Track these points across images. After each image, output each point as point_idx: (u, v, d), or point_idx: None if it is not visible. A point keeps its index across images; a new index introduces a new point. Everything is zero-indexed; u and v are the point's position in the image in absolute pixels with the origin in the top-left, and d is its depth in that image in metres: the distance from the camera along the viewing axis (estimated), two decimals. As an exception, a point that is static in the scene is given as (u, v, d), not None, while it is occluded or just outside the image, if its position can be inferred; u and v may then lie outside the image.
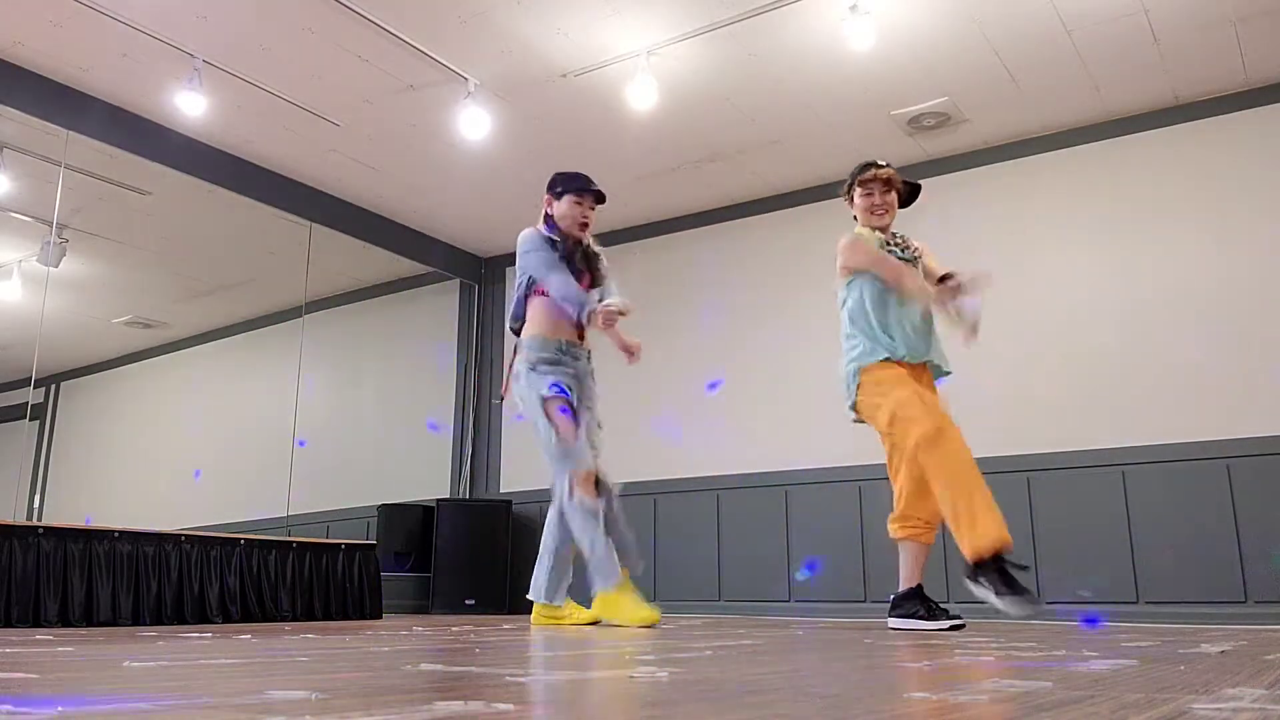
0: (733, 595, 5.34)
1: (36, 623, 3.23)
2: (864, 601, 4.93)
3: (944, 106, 4.77)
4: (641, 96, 4.40)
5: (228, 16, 4.09)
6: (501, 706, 0.87)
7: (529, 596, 3.71)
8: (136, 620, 3.53)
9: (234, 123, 4.95)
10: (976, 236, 5.10)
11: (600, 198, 3.72)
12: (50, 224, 5.37)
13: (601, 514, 3.43)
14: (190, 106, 4.45)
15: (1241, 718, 0.84)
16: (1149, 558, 4.36)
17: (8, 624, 3.16)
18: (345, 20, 4.09)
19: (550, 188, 3.72)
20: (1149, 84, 4.56)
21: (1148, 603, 4.31)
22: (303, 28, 4.16)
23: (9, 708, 0.84)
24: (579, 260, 3.64)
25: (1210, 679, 1.22)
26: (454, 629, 3.13)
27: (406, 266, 6.63)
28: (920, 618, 3.18)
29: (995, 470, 4.77)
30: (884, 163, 3.46)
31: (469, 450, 6.59)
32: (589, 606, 3.56)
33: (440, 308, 6.94)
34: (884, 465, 5.23)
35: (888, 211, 3.45)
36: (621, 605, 3.33)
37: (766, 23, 4.10)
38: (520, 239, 3.67)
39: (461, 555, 5.86)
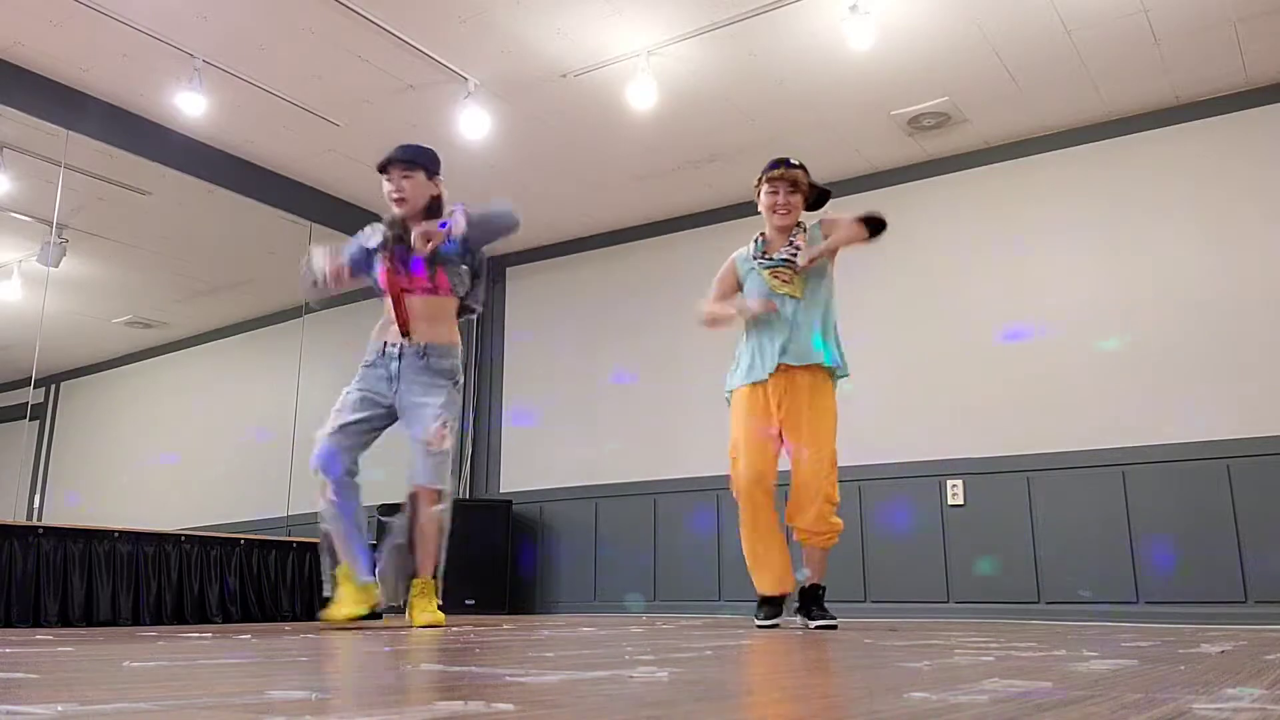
0: (732, 595, 5.34)
1: (36, 623, 3.23)
2: (864, 601, 4.93)
3: (944, 106, 4.77)
4: (641, 96, 4.41)
5: (228, 16, 4.09)
6: (501, 706, 0.87)
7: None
8: (136, 620, 3.53)
9: (234, 123, 4.95)
10: (976, 236, 5.11)
11: (408, 164, 3.30)
12: (50, 224, 5.37)
13: (335, 516, 3.25)
14: (190, 106, 4.45)
15: (1241, 718, 0.84)
16: (1149, 558, 4.36)
17: (8, 624, 3.16)
18: (345, 20, 4.09)
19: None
20: (1149, 84, 4.56)
21: (1148, 603, 4.31)
22: (303, 28, 4.16)
23: (9, 708, 0.84)
24: (410, 238, 3.27)
25: (1210, 679, 1.22)
26: (454, 629, 3.13)
27: (406, 266, 6.62)
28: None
29: (995, 470, 4.78)
30: (796, 162, 3.44)
31: (469, 450, 6.59)
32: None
33: (440, 308, 6.93)
34: (884, 465, 5.24)
35: (790, 212, 3.42)
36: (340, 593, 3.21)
37: (766, 23, 4.10)
38: None
39: (461, 555, 5.83)
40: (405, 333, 3.27)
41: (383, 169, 3.33)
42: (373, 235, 3.41)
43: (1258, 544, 4.15)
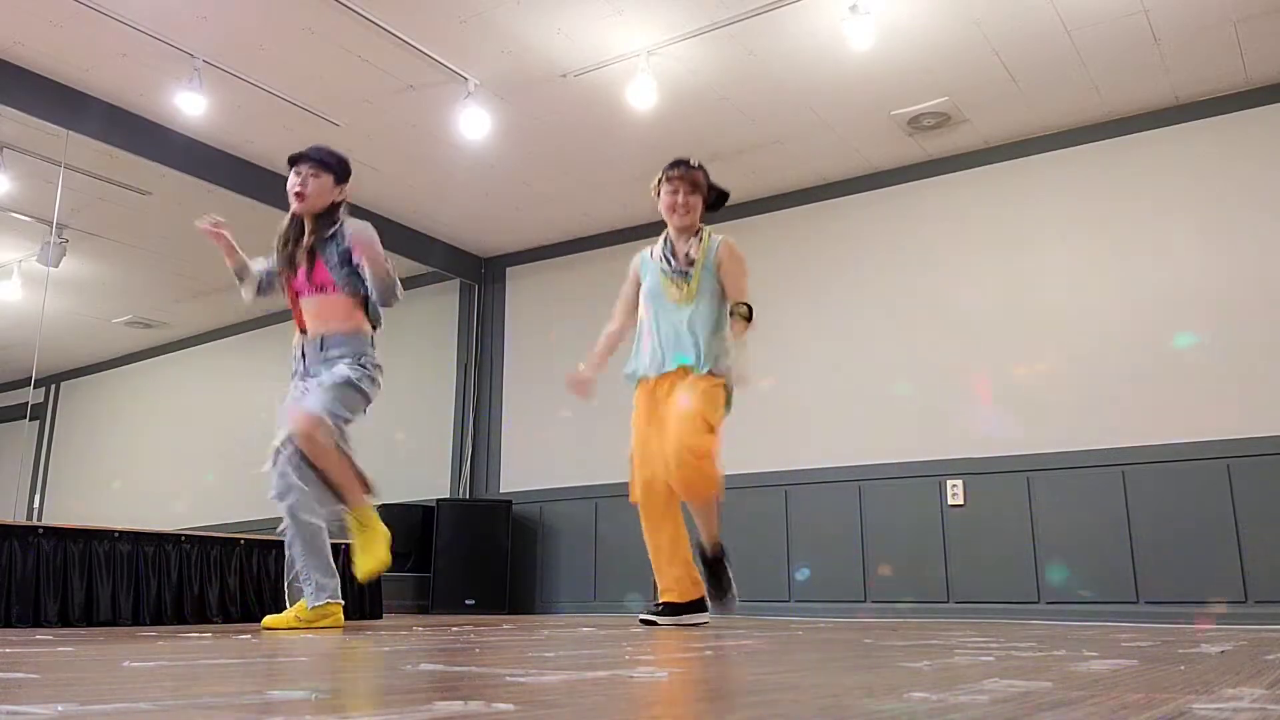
0: (733, 595, 5.33)
1: (36, 623, 3.23)
2: (864, 601, 4.93)
3: (944, 106, 4.77)
4: (641, 96, 4.40)
5: (228, 16, 4.09)
6: (501, 706, 0.87)
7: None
8: (136, 620, 3.53)
9: (234, 123, 4.95)
10: (977, 236, 5.11)
11: (318, 163, 3.26)
12: (50, 224, 5.38)
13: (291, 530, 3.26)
14: (190, 106, 4.45)
15: (1241, 718, 0.84)
16: (1149, 558, 4.36)
17: (8, 624, 3.16)
18: (345, 20, 4.09)
19: None
20: (1149, 84, 4.56)
21: (1148, 603, 4.31)
22: (303, 28, 4.16)
23: (9, 708, 0.84)
24: (300, 237, 3.27)
25: (1210, 679, 1.22)
26: (454, 629, 3.13)
27: (406, 266, 6.62)
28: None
29: (995, 470, 4.78)
30: (696, 163, 3.46)
31: (469, 450, 6.58)
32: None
33: (440, 308, 6.94)
34: (884, 465, 5.24)
35: (689, 212, 3.44)
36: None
37: (766, 23, 4.10)
38: None
39: (461, 555, 5.86)
40: (303, 330, 3.31)
41: (292, 162, 3.31)
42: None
43: (1258, 544, 4.15)
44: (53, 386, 7.91)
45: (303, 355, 3.32)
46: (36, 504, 7.20)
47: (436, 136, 5.04)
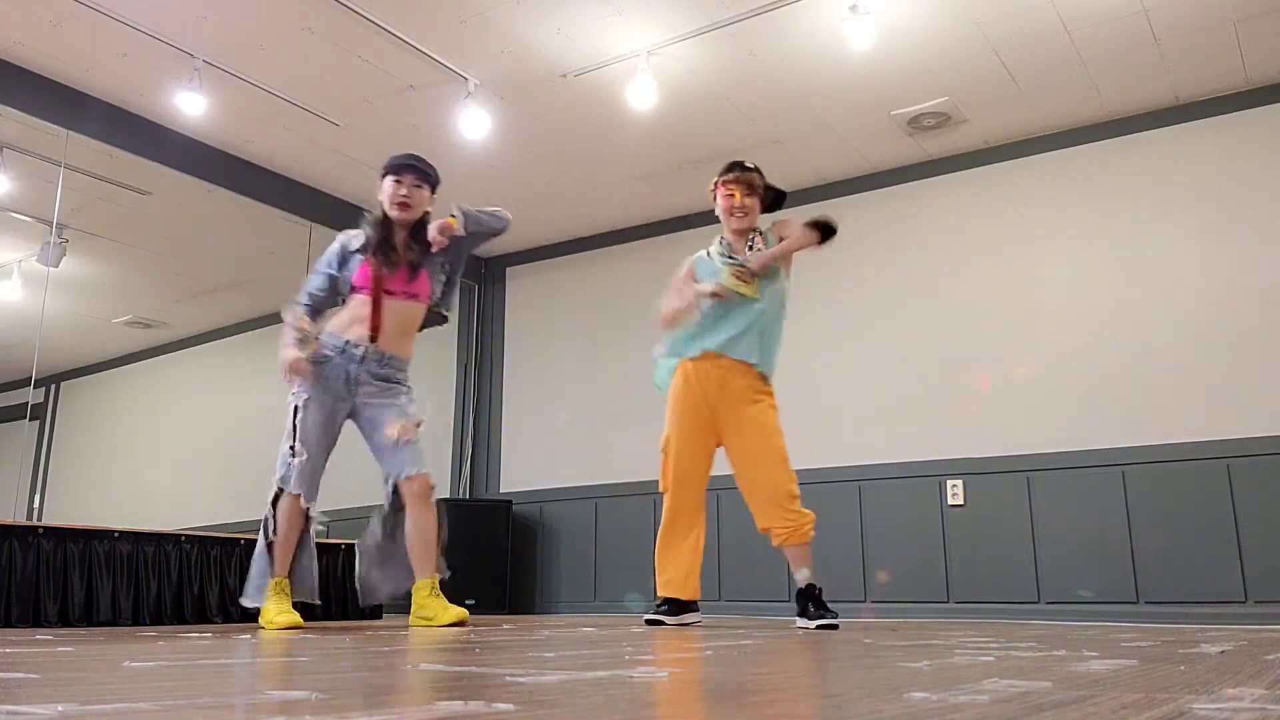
0: (733, 595, 5.34)
1: (36, 623, 3.23)
2: (864, 601, 4.93)
3: (944, 106, 4.77)
4: (641, 96, 4.40)
5: (228, 16, 4.09)
6: (501, 706, 0.87)
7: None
8: (136, 620, 3.53)
9: (234, 123, 4.95)
10: (977, 236, 5.11)
11: (423, 175, 3.35)
12: (50, 224, 5.37)
13: (289, 534, 3.23)
14: (190, 106, 4.45)
15: (1241, 718, 0.84)
16: (1149, 558, 4.36)
17: (8, 624, 3.16)
18: (345, 20, 4.09)
19: (380, 172, 3.45)
20: (1149, 84, 4.56)
21: (1148, 603, 4.31)
22: (303, 28, 4.16)
23: (9, 708, 0.84)
24: (397, 242, 3.30)
25: (1210, 679, 1.22)
26: (454, 629, 3.12)
27: (406, 266, 6.62)
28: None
29: (995, 470, 4.78)
30: (751, 165, 3.45)
31: (469, 450, 6.58)
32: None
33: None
34: (884, 465, 5.24)
35: (747, 214, 3.42)
36: (267, 610, 3.18)
37: (766, 23, 4.10)
38: None
39: (461, 555, 5.84)
40: (374, 337, 3.25)
41: (396, 172, 3.33)
42: (354, 239, 3.38)
43: (1258, 544, 4.15)
44: (53, 386, 7.90)
45: (360, 358, 3.27)
46: (36, 504, 7.20)
47: (436, 136, 5.04)
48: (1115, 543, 4.43)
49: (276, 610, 3.14)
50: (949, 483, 4.86)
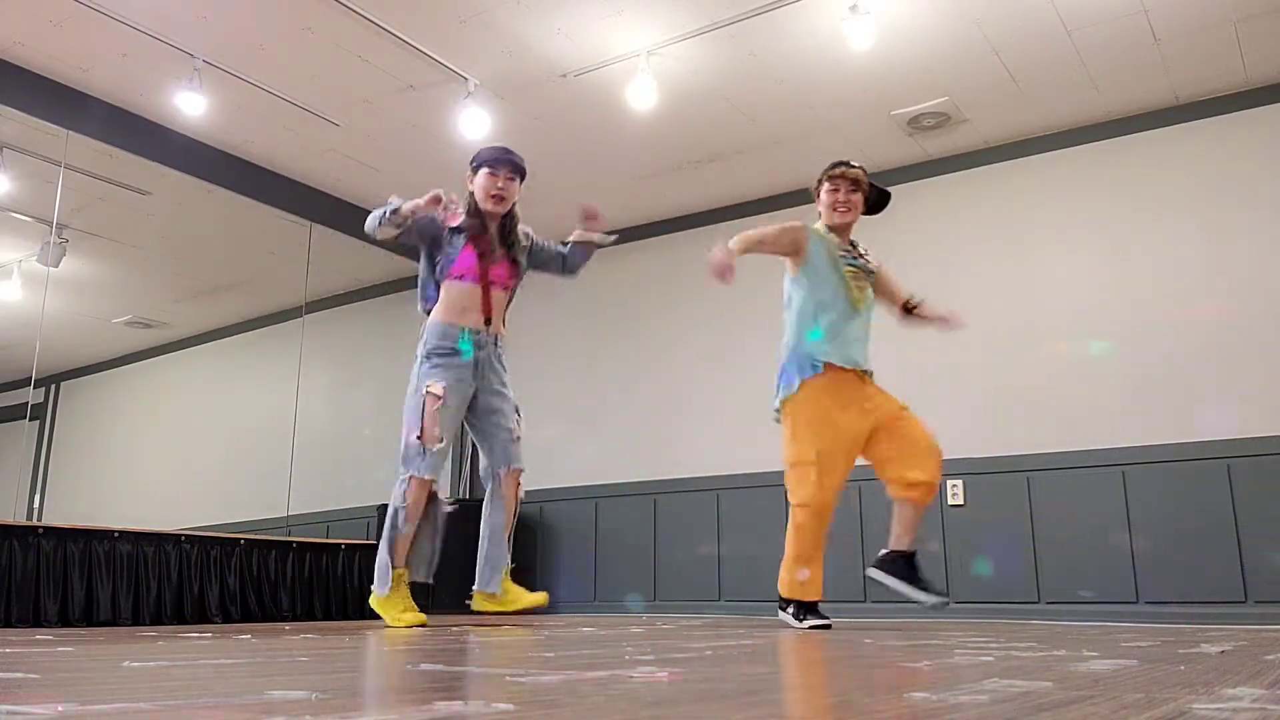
0: (733, 595, 5.34)
1: (36, 623, 3.23)
2: (864, 601, 4.93)
3: (944, 106, 4.77)
4: (641, 96, 4.40)
5: (228, 16, 4.09)
6: (501, 706, 0.87)
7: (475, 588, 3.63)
8: (136, 620, 3.53)
9: (234, 123, 4.95)
10: (977, 236, 5.11)
11: (517, 169, 3.52)
12: (50, 224, 5.37)
13: (416, 519, 3.35)
14: (190, 106, 4.45)
15: (1241, 718, 0.84)
16: (1149, 558, 4.36)
17: (8, 624, 3.16)
18: (345, 20, 4.09)
19: (470, 164, 3.57)
20: (1149, 84, 4.56)
21: (1148, 603, 4.31)
22: (302, 28, 4.16)
23: (9, 708, 0.84)
24: (494, 235, 3.46)
25: (1210, 679, 1.22)
26: (454, 629, 3.13)
27: (406, 266, 6.61)
28: (907, 581, 3.34)
29: (995, 470, 4.78)
30: (856, 164, 3.50)
31: (469, 450, 6.58)
32: (477, 602, 3.56)
33: (440, 308, 6.93)
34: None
35: (850, 210, 3.46)
36: (391, 606, 3.29)
37: (766, 23, 4.10)
38: None
39: (461, 555, 5.84)
40: (489, 321, 3.46)
41: (491, 165, 3.46)
42: (445, 215, 3.43)
43: (1258, 544, 4.15)
44: (53, 386, 7.90)
45: (482, 344, 3.47)
46: (36, 504, 7.20)
47: (436, 136, 5.04)
48: (1115, 543, 4.43)
49: (403, 607, 3.28)
50: (949, 483, 4.86)
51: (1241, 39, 4.19)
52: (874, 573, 3.42)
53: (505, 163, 3.48)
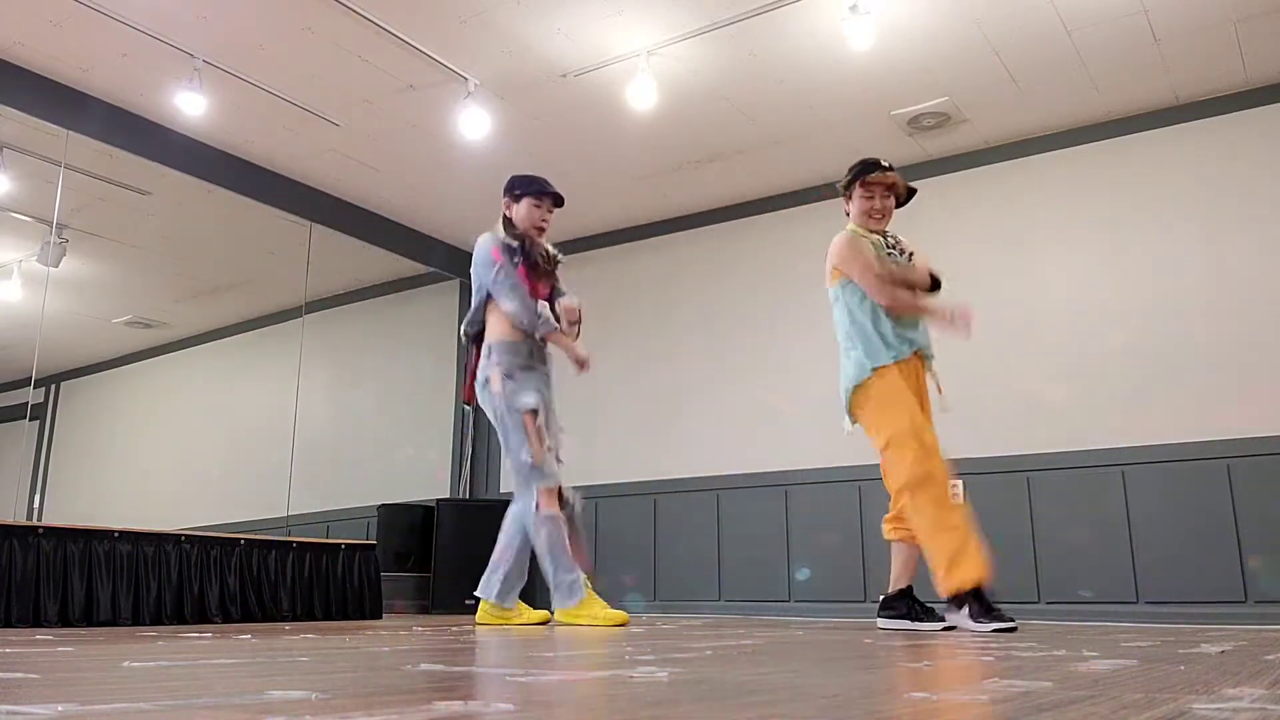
0: (733, 595, 5.34)
1: (36, 623, 3.23)
2: (864, 601, 4.93)
3: (944, 106, 4.77)
4: (641, 96, 4.40)
5: (228, 16, 4.09)
6: (501, 706, 0.87)
7: (477, 593, 3.65)
8: (136, 620, 3.53)
9: (234, 123, 4.95)
10: (977, 236, 5.11)
11: (559, 200, 3.73)
12: (50, 224, 5.38)
13: (563, 524, 3.43)
14: (190, 106, 4.45)
15: (1241, 718, 0.84)
16: (1149, 558, 4.36)
17: (8, 624, 3.16)
18: (345, 20, 4.09)
19: (508, 190, 3.73)
20: (1149, 84, 4.56)
21: (1148, 603, 4.31)
22: (302, 27, 4.16)
23: (9, 708, 0.84)
24: (543, 264, 3.66)
25: (1210, 679, 1.22)
26: (454, 629, 3.13)
27: (406, 266, 6.63)
28: (909, 618, 3.18)
29: (995, 470, 4.78)
30: (888, 164, 3.38)
31: (469, 450, 6.58)
32: (548, 609, 3.59)
33: (440, 308, 6.94)
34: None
35: (885, 216, 3.40)
36: (587, 613, 3.33)
37: (766, 23, 4.10)
38: (479, 248, 3.65)
39: (461, 555, 5.85)
40: (544, 340, 3.65)
41: (537, 196, 3.66)
42: (507, 254, 3.63)
43: (1258, 544, 4.15)
44: (53, 386, 7.90)
45: (542, 361, 3.65)
46: (36, 504, 7.20)
47: (436, 136, 5.04)
48: (1115, 543, 4.43)
49: (600, 607, 3.36)
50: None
51: (1241, 39, 4.19)
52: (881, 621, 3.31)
53: (550, 195, 3.69)
